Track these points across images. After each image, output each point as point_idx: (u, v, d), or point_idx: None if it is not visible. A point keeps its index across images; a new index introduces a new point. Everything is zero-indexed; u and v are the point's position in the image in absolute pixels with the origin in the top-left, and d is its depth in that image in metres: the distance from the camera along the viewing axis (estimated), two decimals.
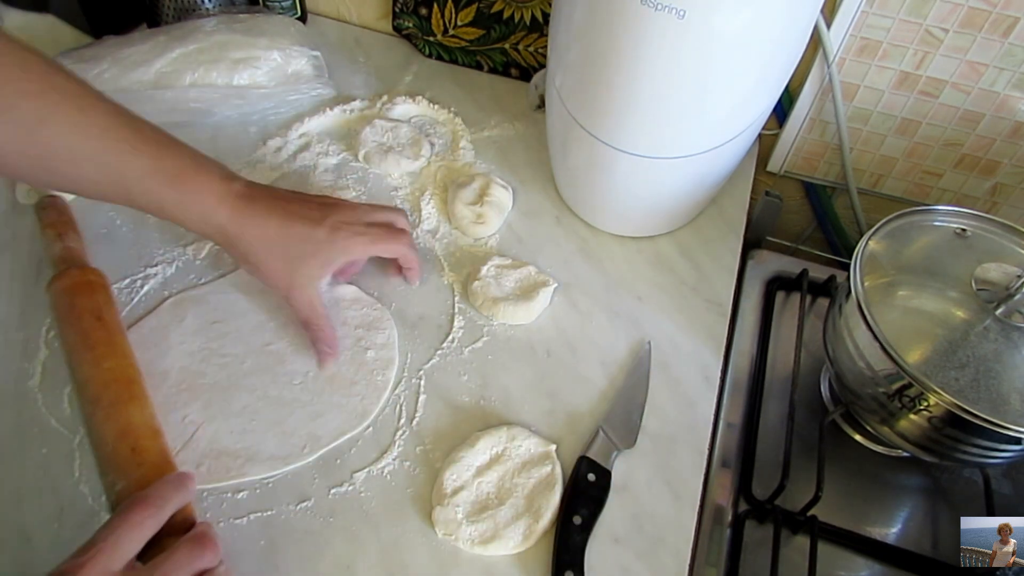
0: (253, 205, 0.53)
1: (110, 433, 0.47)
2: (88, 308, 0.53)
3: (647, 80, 0.53)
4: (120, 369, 0.50)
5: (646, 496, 0.53)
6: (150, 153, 0.50)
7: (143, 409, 0.49)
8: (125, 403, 0.49)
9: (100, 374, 0.49)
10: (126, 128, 0.50)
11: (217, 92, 0.72)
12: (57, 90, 0.47)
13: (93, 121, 0.48)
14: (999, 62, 0.65)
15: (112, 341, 0.52)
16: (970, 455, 0.52)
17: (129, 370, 0.51)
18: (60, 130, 0.47)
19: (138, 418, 0.48)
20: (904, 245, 0.57)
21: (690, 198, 0.65)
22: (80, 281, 0.55)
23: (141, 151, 0.50)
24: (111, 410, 0.48)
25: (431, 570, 0.49)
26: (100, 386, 0.49)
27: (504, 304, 0.61)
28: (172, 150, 0.52)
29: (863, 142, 0.75)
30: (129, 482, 0.44)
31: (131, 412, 0.48)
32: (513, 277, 0.63)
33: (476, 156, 0.74)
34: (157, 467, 0.46)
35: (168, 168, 0.51)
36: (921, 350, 0.52)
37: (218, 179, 0.53)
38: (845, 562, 0.57)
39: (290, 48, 0.75)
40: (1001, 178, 0.74)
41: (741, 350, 0.67)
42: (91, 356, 0.50)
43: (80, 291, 0.54)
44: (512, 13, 0.77)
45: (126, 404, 0.49)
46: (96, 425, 0.48)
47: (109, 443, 0.46)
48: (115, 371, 0.50)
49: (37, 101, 0.46)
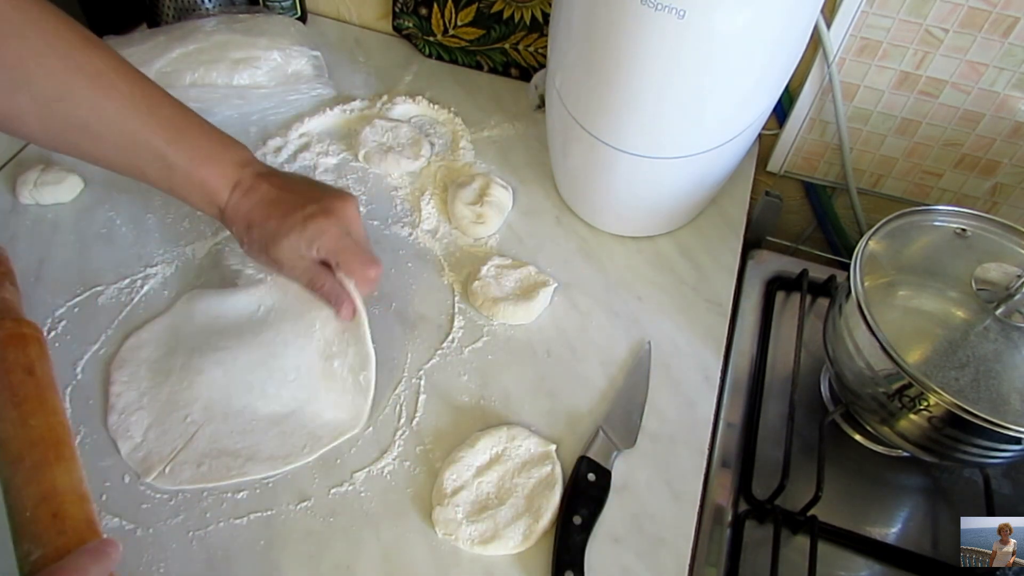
0: (257, 186, 0.54)
1: (31, 497, 0.42)
2: (19, 362, 0.48)
3: (647, 80, 0.53)
4: (47, 427, 0.45)
5: (646, 496, 0.53)
6: (165, 136, 0.51)
7: (71, 472, 0.44)
8: (51, 464, 0.44)
9: (25, 432, 0.44)
10: (144, 109, 0.50)
11: (217, 92, 0.72)
12: (79, 69, 0.48)
13: (110, 101, 0.49)
14: (999, 62, 0.65)
15: (42, 396, 0.47)
16: (970, 455, 0.52)
17: (58, 428, 0.46)
18: (77, 108, 0.48)
19: (64, 481, 0.43)
20: (904, 245, 0.57)
21: (690, 198, 0.65)
22: (13, 333, 0.50)
23: (156, 134, 0.50)
24: (34, 472, 0.43)
25: (431, 570, 0.49)
26: (24, 445, 0.44)
27: (504, 304, 0.61)
28: (188, 133, 0.52)
29: (863, 142, 0.75)
30: (47, 551, 0.40)
31: (56, 475, 0.43)
32: (513, 277, 0.63)
33: (476, 156, 0.74)
34: (79, 534, 0.41)
35: (182, 153, 0.52)
36: (921, 350, 0.52)
37: (231, 166, 0.53)
38: (845, 562, 0.57)
39: (290, 48, 0.75)
40: (1001, 178, 0.74)
41: (741, 350, 0.67)
42: (16, 413, 0.45)
43: (11, 343, 0.49)
44: (512, 13, 0.77)
45: (52, 466, 0.43)
46: (15, 488, 0.42)
47: (28, 508, 0.41)
48: (41, 429, 0.45)
49: (55, 79, 0.47)
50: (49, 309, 0.59)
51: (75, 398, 0.55)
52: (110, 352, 0.57)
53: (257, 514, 0.50)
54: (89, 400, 0.55)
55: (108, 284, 0.61)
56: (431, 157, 0.73)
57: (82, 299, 0.60)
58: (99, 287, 0.61)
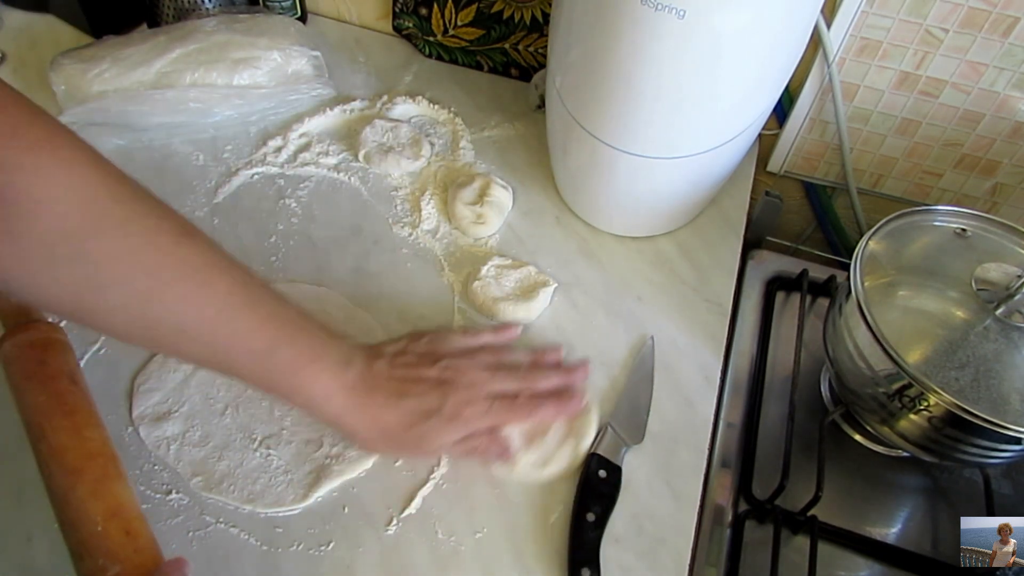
0: (368, 398, 0.49)
1: (98, 512, 0.42)
2: (62, 369, 0.47)
3: (647, 80, 0.53)
4: (102, 441, 0.46)
5: (646, 496, 0.53)
6: (265, 338, 0.45)
7: (128, 490, 0.44)
8: (112, 479, 0.44)
9: (81, 444, 0.44)
10: (244, 308, 0.45)
11: (217, 92, 0.72)
12: (179, 264, 0.43)
13: (209, 300, 0.43)
14: (999, 62, 0.65)
15: (90, 408, 0.47)
16: (970, 455, 0.52)
17: (109, 443, 0.46)
18: (172, 308, 0.43)
19: (127, 497, 0.44)
20: (904, 245, 0.57)
21: (690, 198, 0.65)
22: (51, 338, 0.49)
23: (256, 336, 0.45)
24: (97, 486, 0.43)
25: (431, 570, 0.49)
26: (83, 457, 0.44)
27: (504, 304, 0.61)
28: (288, 334, 0.47)
29: (863, 142, 0.75)
30: (125, 567, 0.40)
31: (119, 490, 0.43)
32: (513, 277, 0.63)
33: (476, 156, 0.74)
34: (152, 554, 0.42)
35: (281, 359, 0.46)
36: (921, 350, 0.52)
37: (332, 367, 0.48)
38: (845, 562, 0.57)
39: (290, 48, 0.75)
40: (1001, 178, 0.74)
41: (741, 350, 0.67)
42: (69, 423, 0.45)
43: (50, 348, 0.48)
44: (512, 13, 0.77)
45: (114, 481, 0.44)
46: (77, 500, 0.42)
47: (98, 522, 0.41)
48: (97, 442, 0.45)
49: (153, 279, 0.42)
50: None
51: None
52: (110, 352, 0.57)
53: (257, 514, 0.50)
54: None
55: None
56: (431, 157, 0.73)
57: None
58: None
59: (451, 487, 0.53)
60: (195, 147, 0.72)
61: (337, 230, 0.67)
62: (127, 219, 0.41)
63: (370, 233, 0.67)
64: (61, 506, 0.42)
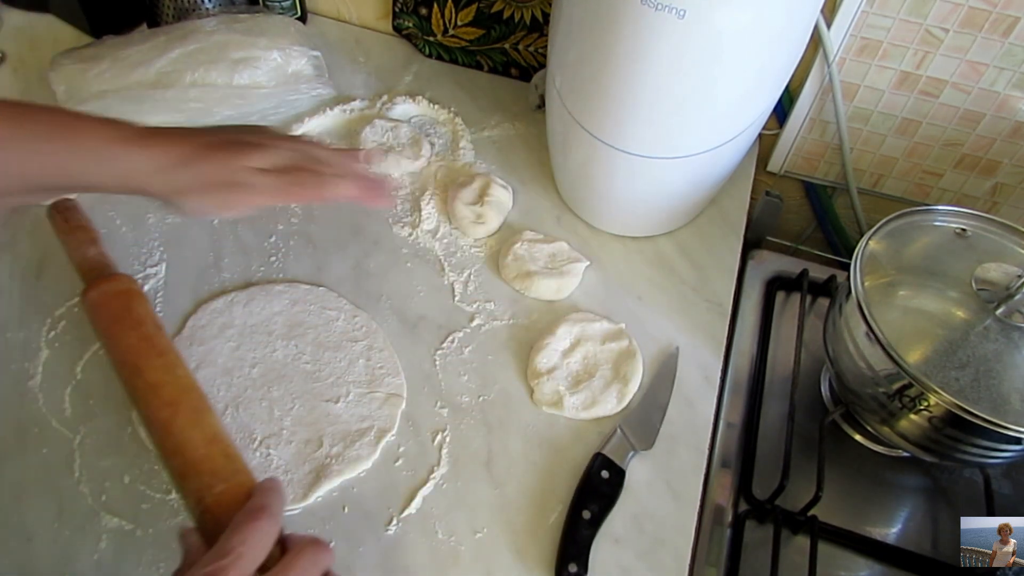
0: (159, 136, 0.47)
1: (199, 438, 0.45)
2: (148, 315, 0.51)
3: (647, 80, 0.53)
4: (190, 378, 0.49)
5: (646, 496, 0.53)
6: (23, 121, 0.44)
7: (219, 421, 0.47)
8: (206, 412, 0.47)
9: (176, 380, 0.48)
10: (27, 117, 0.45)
11: (217, 92, 0.72)
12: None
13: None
14: (999, 62, 0.65)
15: (176, 352, 0.50)
16: (970, 455, 0.52)
17: (197, 382, 0.49)
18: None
19: (220, 427, 0.47)
20: (904, 245, 0.57)
21: (690, 198, 0.65)
22: (131, 288, 0.53)
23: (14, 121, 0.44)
24: (195, 416, 0.46)
25: (431, 570, 0.49)
26: (178, 391, 0.47)
27: (538, 278, 0.62)
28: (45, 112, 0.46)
29: (863, 142, 0.75)
30: (229, 485, 0.42)
31: (213, 421, 0.46)
32: (546, 251, 0.65)
33: (476, 156, 0.74)
34: (249, 475, 0.44)
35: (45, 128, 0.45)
36: (921, 350, 0.52)
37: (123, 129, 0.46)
38: (845, 562, 0.57)
39: (290, 48, 0.75)
40: (1001, 178, 0.74)
41: (741, 350, 0.67)
42: (161, 362, 0.48)
43: (134, 297, 0.52)
44: (512, 13, 0.77)
45: (207, 413, 0.47)
46: (178, 428, 0.45)
47: (199, 448, 0.44)
48: (188, 379, 0.48)
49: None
50: (49, 309, 0.59)
51: (75, 398, 0.55)
52: None
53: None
54: (89, 400, 0.55)
55: None
56: (431, 157, 0.73)
57: None
58: None
59: (451, 487, 0.53)
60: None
61: (337, 230, 0.67)
62: None
63: (370, 233, 0.67)
64: (162, 435, 0.46)
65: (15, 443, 0.52)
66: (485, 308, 0.62)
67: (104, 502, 0.50)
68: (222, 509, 0.41)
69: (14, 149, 0.44)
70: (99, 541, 0.49)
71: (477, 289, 0.64)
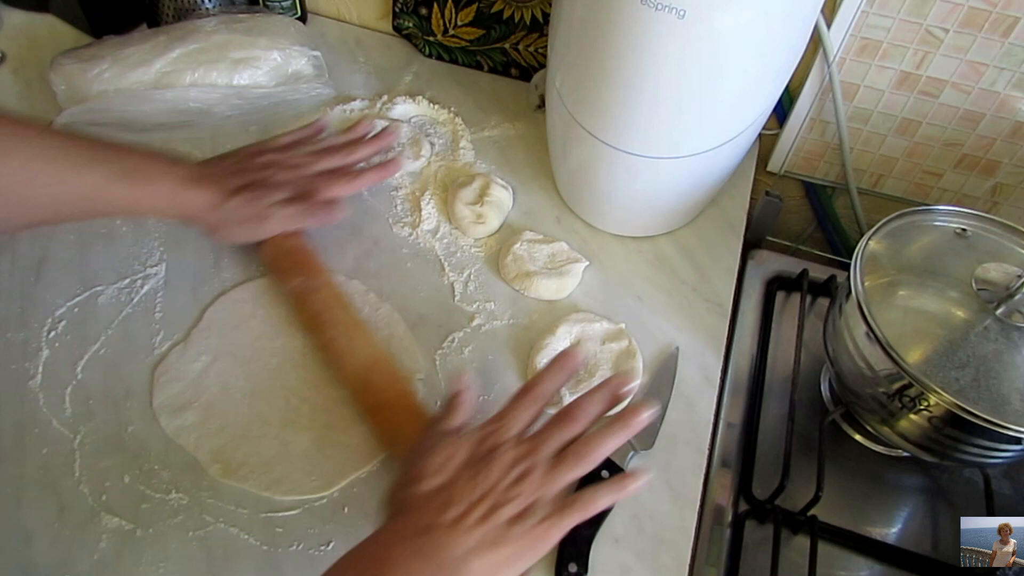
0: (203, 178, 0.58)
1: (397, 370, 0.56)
2: (343, 299, 0.60)
3: (647, 80, 0.53)
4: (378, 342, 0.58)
5: (646, 496, 0.53)
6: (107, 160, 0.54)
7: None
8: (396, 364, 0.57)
9: (375, 345, 0.57)
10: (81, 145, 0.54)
11: (217, 92, 0.72)
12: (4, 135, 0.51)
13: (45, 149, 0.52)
14: (999, 62, 0.65)
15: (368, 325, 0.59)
16: (970, 455, 0.52)
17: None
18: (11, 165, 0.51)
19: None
20: (904, 245, 0.57)
21: (690, 198, 0.65)
22: (330, 280, 0.61)
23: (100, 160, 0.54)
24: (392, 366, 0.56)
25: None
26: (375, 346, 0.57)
27: (537, 278, 0.62)
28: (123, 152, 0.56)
29: (863, 142, 0.75)
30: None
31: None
32: (545, 252, 0.65)
33: (476, 156, 0.74)
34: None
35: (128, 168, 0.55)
36: (921, 350, 0.52)
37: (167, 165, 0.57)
38: (845, 562, 0.57)
39: (290, 48, 0.75)
40: (1001, 178, 0.74)
41: (741, 350, 0.67)
42: (358, 331, 0.57)
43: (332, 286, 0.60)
44: (512, 13, 0.77)
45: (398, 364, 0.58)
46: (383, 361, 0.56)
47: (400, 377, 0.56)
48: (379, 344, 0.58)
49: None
50: (49, 309, 0.59)
51: (75, 398, 0.55)
52: (110, 352, 0.57)
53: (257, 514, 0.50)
54: (89, 400, 0.55)
55: (108, 284, 0.61)
56: (431, 157, 0.73)
57: (82, 299, 0.60)
58: (99, 287, 0.61)
59: None
60: (195, 147, 0.72)
61: (337, 230, 0.66)
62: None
63: (370, 233, 0.67)
64: (364, 373, 0.54)
65: (15, 443, 0.52)
66: (485, 308, 0.62)
67: (104, 502, 0.50)
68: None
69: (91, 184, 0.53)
70: (99, 541, 0.49)
71: (477, 289, 0.64)
